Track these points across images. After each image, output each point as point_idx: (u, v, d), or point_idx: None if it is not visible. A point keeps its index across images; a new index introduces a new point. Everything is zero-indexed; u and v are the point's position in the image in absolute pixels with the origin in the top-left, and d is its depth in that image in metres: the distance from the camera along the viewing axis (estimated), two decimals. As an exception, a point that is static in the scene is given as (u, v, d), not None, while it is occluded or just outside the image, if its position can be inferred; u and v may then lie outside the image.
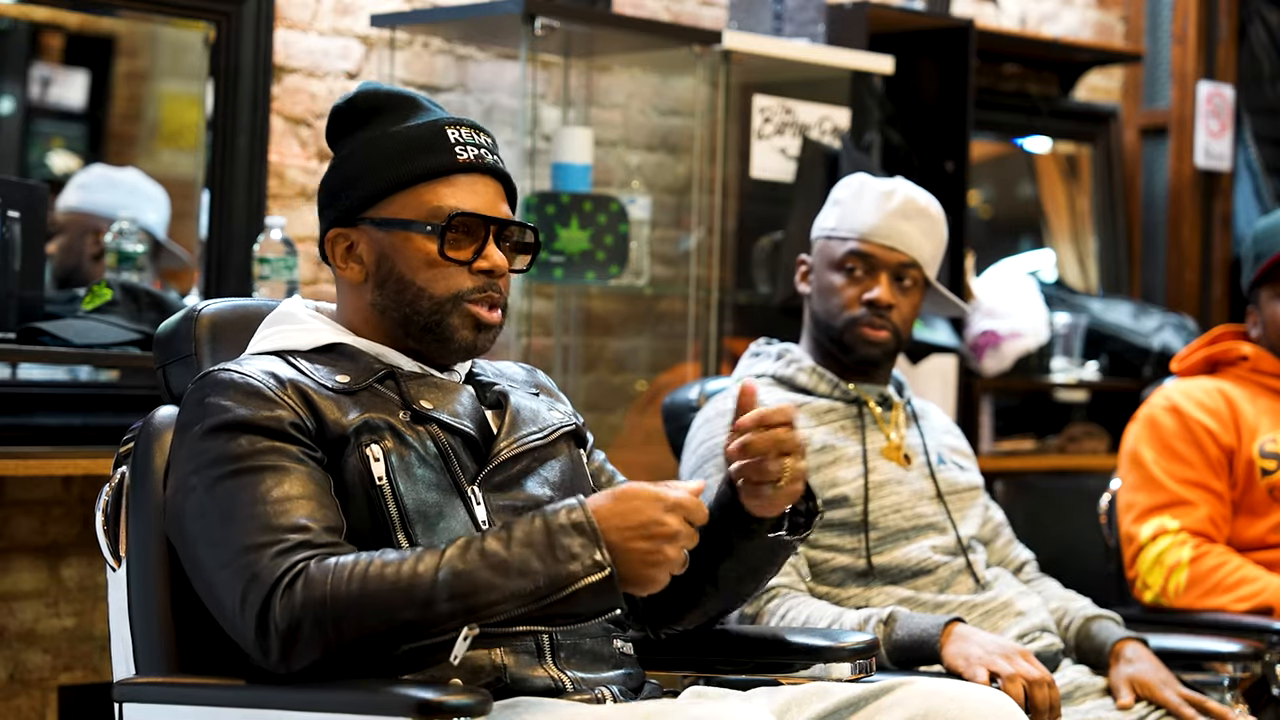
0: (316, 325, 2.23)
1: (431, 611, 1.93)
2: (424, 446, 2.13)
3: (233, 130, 3.78)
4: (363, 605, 1.93)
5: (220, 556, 1.99)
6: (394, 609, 1.92)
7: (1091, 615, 3.02)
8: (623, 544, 1.95)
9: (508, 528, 1.97)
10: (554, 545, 1.93)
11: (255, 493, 2.00)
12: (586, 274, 3.89)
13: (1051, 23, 5.46)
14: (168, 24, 3.87)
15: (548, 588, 1.93)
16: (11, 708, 3.57)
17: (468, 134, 2.21)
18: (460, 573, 1.93)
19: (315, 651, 1.94)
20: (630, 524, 1.95)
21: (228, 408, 2.06)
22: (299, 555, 1.97)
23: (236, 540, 1.98)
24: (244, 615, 1.96)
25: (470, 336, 2.19)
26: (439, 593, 1.92)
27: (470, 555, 1.94)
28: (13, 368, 3.48)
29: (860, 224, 2.96)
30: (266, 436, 2.04)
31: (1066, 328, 4.97)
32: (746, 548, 2.26)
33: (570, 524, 1.95)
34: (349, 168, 2.21)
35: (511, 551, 1.94)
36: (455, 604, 1.92)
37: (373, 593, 1.93)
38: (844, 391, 2.99)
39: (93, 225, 3.70)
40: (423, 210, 2.18)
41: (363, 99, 2.23)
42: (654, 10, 4.48)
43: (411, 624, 1.93)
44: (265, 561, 1.96)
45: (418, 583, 1.93)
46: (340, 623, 1.93)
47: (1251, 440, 3.50)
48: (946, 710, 2.05)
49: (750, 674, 2.36)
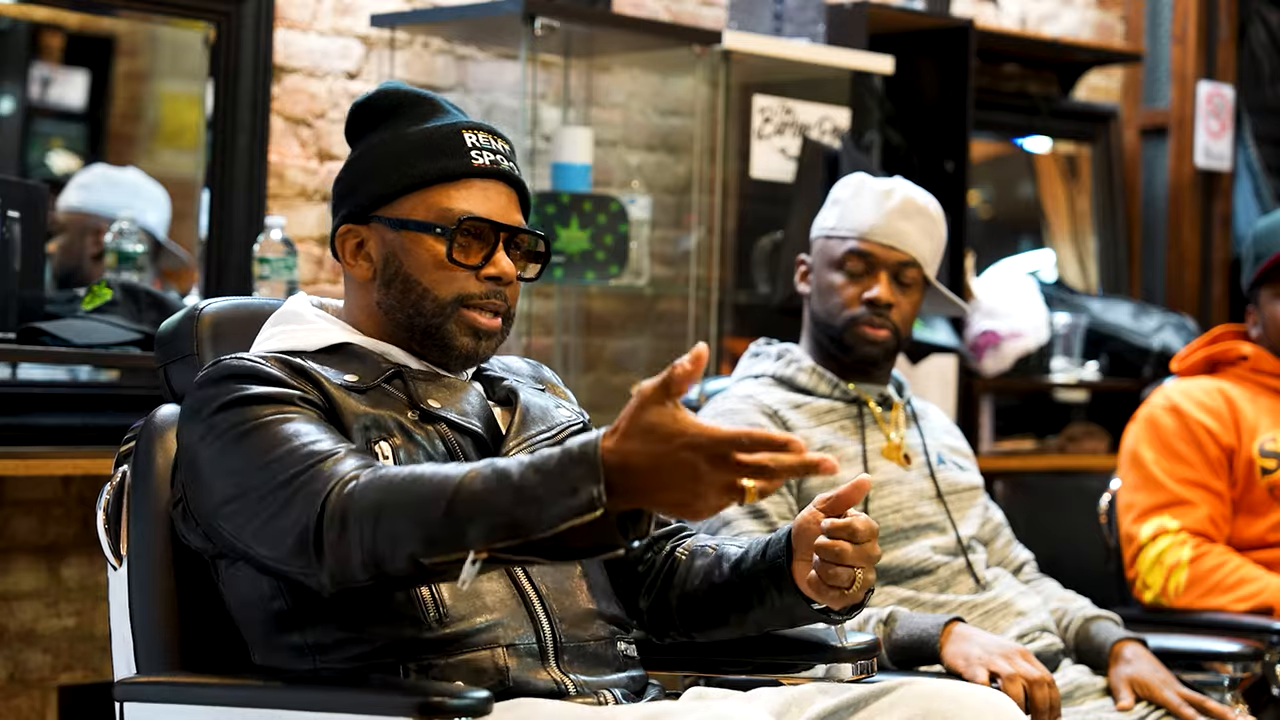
0: (323, 324, 2.23)
1: (450, 521, 1.85)
2: (432, 446, 2.13)
3: (233, 130, 3.78)
4: (390, 509, 1.87)
5: (265, 499, 1.96)
6: (425, 510, 1.86)
7: (1091, 616, 3.02)
8: (647, 486, 1.79)
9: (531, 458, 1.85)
10: (563, 474, 1.80)
11: (285, 432, 1.98)
12: (586, 274, 3.89)
13: (1051, 23, 5.46)
14: (168, 24, 3.87)
15: (544, 520, 1.80)
16: (11, 708, 3.58)
17: (485, 139, 2.21)
18: (475, 494, 1.84)
19: (363, 554, 1.89)
20: (659, 464, 1.78)
21: (241, 387, 2.05)
22: (350, 463, 1.94)
23: (281, 474, 1.96)
24: (302, 522, 1.92)
25: (469, 344, 2.19)
26: (456, 509, 1.85)
27: (487, 474, 1.85)
28: (13, 368, 3.48)
29: (860, 223, 2.96)
30: (283, 403, 2.04)
31: (1066, 328, 4.97)
32: (786, 607, 2.23)
33: (582, 454, 1.80)
34: (364, 165, 2.21)
35: (526, 477, 1.82)
36: (471, 526, 1.84)
37: (398, 502, 1.87)
38: (844, 391, 2.99)
39: (93, 225, 3.70)
40: (434, 212, 2.18)
41: (383, 97, 2.23)
42: (654, 10, 4.48)
43: (437, 529, 1.85)
44: (318, 473, 1.93)
45: (441, 490, 1.85)
46: (377, 524, 1.88)
47: (1251, 440, 3.50)
48: (946, 711, 2.05)
49: (751, 674, 2.36)
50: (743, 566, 2.24)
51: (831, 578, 2.10)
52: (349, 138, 2.26)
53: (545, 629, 2.10)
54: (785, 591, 2.20)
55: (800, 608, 2.21)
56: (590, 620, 2.16)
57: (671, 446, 1.76)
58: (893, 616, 2.72)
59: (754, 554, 2.23)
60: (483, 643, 2.04)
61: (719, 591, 2.26)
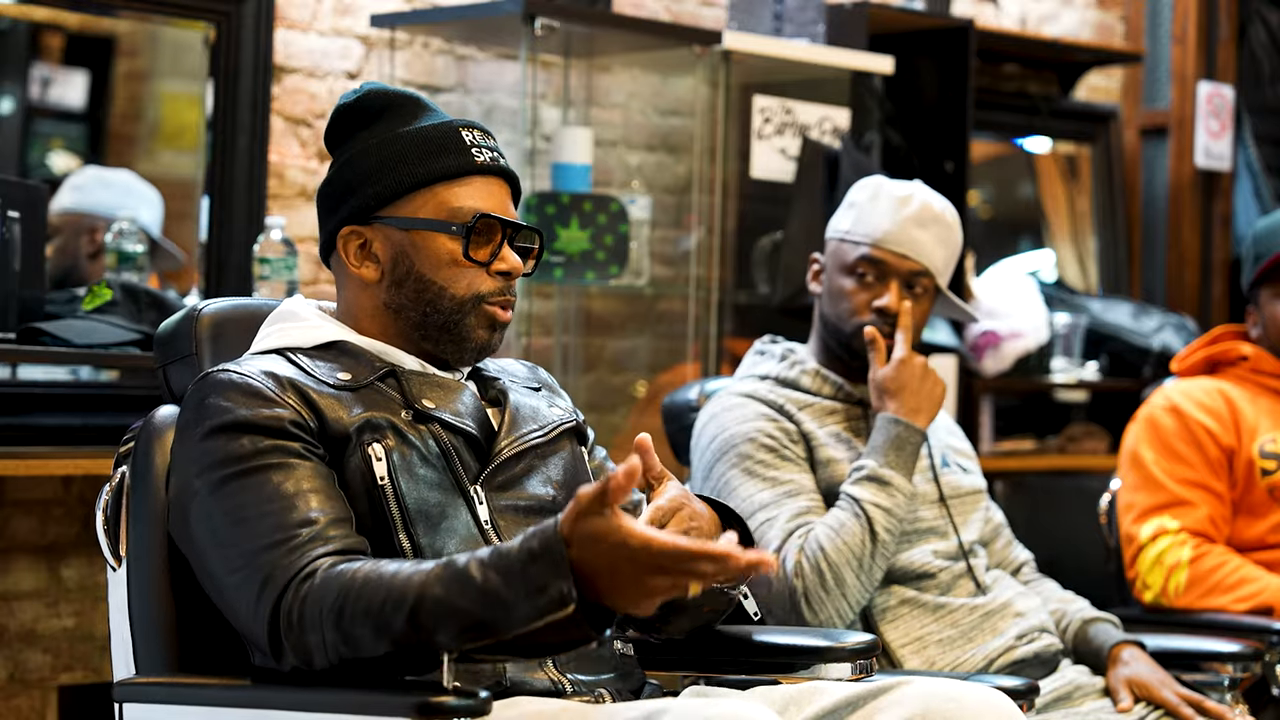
0: (319, 322, 2.23)
1: (416, 629, 1.87)
2: (426, 446, 2.13)
3: (233, 130, 3.78)
4: (361, 611, 1.90)
5: (232, 561, 2.00)
6: (386, 618, 1.88)
7: (1089, 618, 3.02)
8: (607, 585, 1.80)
9: (499, 552, 1.86)
10: (526, 575, 1.81)
11: (262, 493, 2.01)
12: (586, 274, 3.89)
13: (1051, 23, 5.46)
14: (168, 24, 3.87)
15: (516, 621, 1.82)
16: (11, 708, 3.57)
17: (480, 136, 2.22)
18: (439, 600, 1.86)
19: (328, 655, 1.93)
20: (615, 568, 1.79)
21: (227, 408, 2.06)
22: (312, 552, 1.97)
23: (247, 543, 1.99)
24: (257, 615, 1.96)
25: (486, 336, 2.20)
26: (420, 617, 1.87)
27: (452, 582, 1.86)
28: (13, 368, 3.48)
29: (874, 229, 2.93)
30: (268, 435, 2.04)
31: (1066, 328, 4.97)
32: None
33: (542, 550, 1.80)
34: (362, 166, 2.20)
35: (491, 581, 1.83)
36: (434, 628, 1.86)
37: (367, 600, 1.90)
38: (848, 394, 2.98)
39: (88, 225, 3.70)
40: (443, 210, 2.18)
41: (372, 98, 2.23)
42: (654, 10, 4.48)
43: (401, 636, 1.88)
44: (278, 561, 1.96)
45: (401, 598, 1.87)
46: (338, 630, 1.91)
47: (1251, 440, 3.50)
48: (944, 710, 2.05)
49: (750, 674, 2.36)
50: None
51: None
52: (333, 140, 2.25)
53: (544, 629, 2.10)
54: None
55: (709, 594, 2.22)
56: (588, 621, 2.16)
57: (614, 557, 1.78)
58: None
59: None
60: (481, 645, 2.04)
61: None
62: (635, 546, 1.77)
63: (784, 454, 2.85)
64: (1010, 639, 2.86)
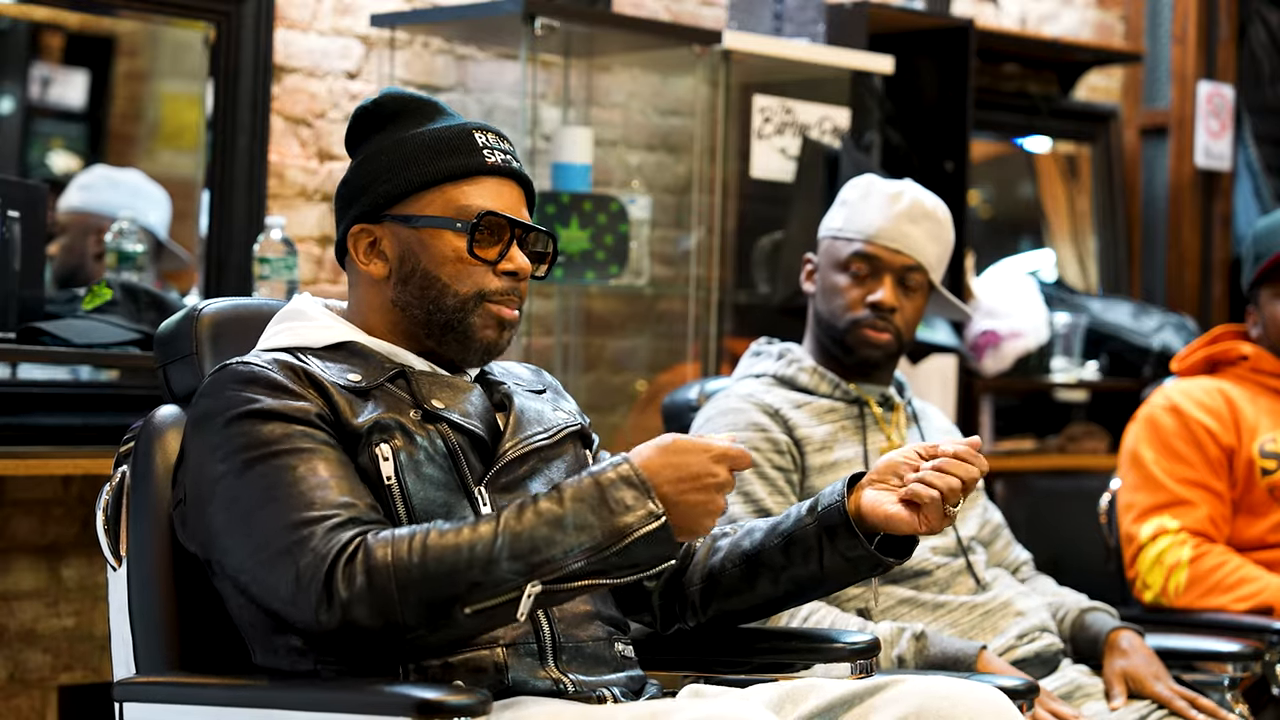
0: (328, 322, 2.23)
1: (495, 572, 1.94)
2: (433, 445, 2.13)
3: (233, 130, 3.78)
4: (426, 571, 1.94)
5: (263, 538, 1.98)
6: (458, 572, 1.94)
7: (1086, 608, 3.03)
8: (676, 495, 1.99)
9: (558, 488, 1.99)
10: (607, 499, 1.97)
11: (294, 474, 2.00)
12: (586, 274, 3.89)
13: (1051, 23, 5.46)
14: (168, 24, 3.87)
15: (606, 539, 1.96)
16: (11, 708, 3.58)
17: (494, 139, 2.24)
18: (519, 533, 1.95)
19: (377, 621, 1.94)
20: (682, 475, 1.99)
21: (251, 397, 2.06)
22: (352, 530, 1.97)
23: (280, 519, 1.98)
24: (302, 591, 1.95)
25: (493, 335, 2.21)
26: (500, 553, 1.94)
27: (526, 515, 1.97)
28: (13, 368, 3.48)
29: (866, 225, 2.95)
30: (295, 423, 2.05)
31: (1066, 328, 4.97)
32: (836, 554, 2.26)
33: (620, 478, 1.98)
34: (374, 165, 2.22)
35: (566, 507, 1.97)
36: (517, 563, 1.94)
37: (435, 558, 1.94)
38: (845, 392, 2.99)
39: (95, 225, 3.70)
40: (450, 208, 2.19)
41: (389, 101, 2.25)
42: (654, 10, 4.48)
43: (476, 585, 1.94)
44: (319, 536, 1.96)
45: (478, 546, 1.95)
46: (405, 590, 1.93)
47: (1251, 440, 3.50)
48: (940, 708, 2.05)
49: (750, 674, 2.36)
50: (781, 527, 2.29)
51: (950, 491, 2.17)
52: (351, 143, 2.27)
53: (544, 628, 2.11)
54: (839, 538, 2.24)
55: (855, 549, 2.24)
56: (588, 621, 2.17)
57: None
58: (925, 635, 2.73)
59: (796, 514, 2.28)
60: (481, 642, 2.05)
61: (749, 558, 2.29)
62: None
63: (763, 471, 2.86)
64: (1011, 638, 2.87)
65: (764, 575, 2.30)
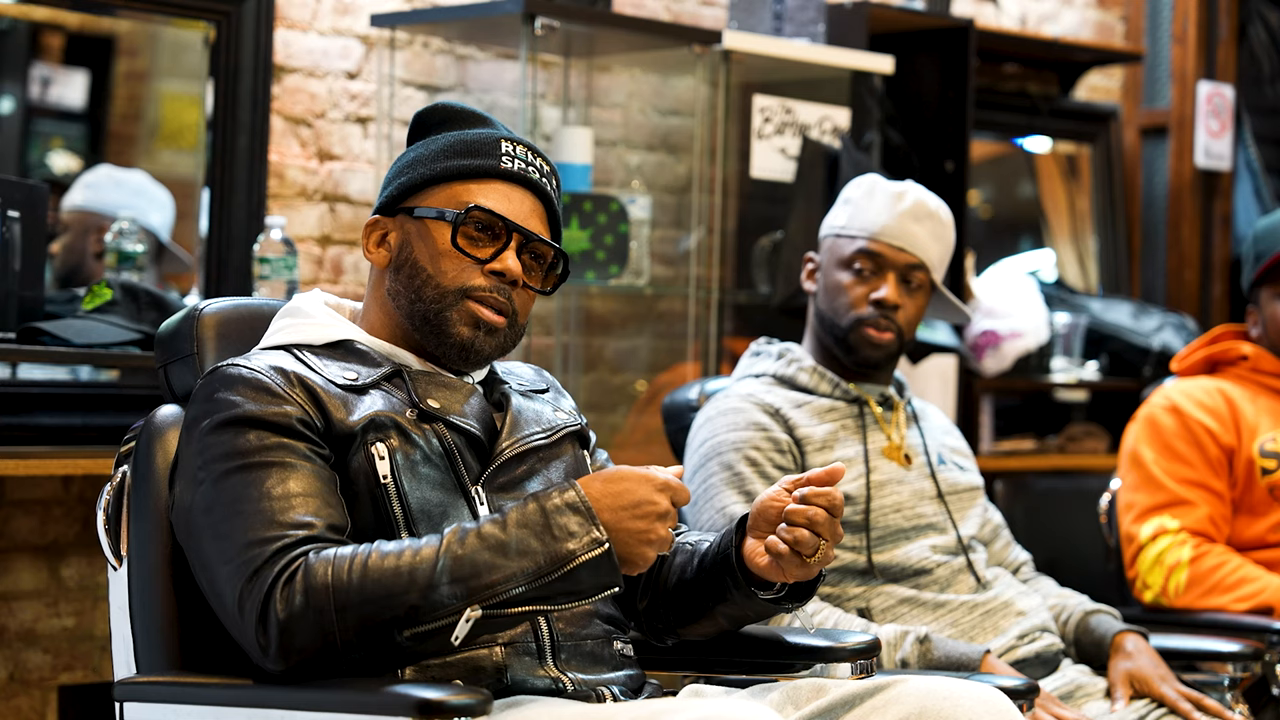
0: (328, 320, 2.24)
1: (434, 595, 1.95)
2: (429, 445, 2.13)
3: (233, 130, 3.78)
4: (364, 593, 1.94)
5: (224, 551, 2.00)
6: (396, 595, 1.94)
7: (1090, 610, 3.03)
8: (616, 523, 1.99)
9: (501, 512, 2.00)
10: (550, 525, 1.98)
11: (260, 489, 2.01)
12: (586, 274, 3.90)
13: (1051, 22, 5.46)
14: (168, 24, 3.87)
15: (548, 566, 1.97)
16: (11, 708, 3.58)
17: (522, 150, 2.25)
18: (460, 556, 1.96)
19: (315, 642, 1.95)
20: (623, 504, 2.00)
21: (236, 403, 2.07)
22: (300, 550, 1.98)
23: (240, 535, 1.99)
24: (243, 610, 1.97)
25: (468, 334, 2.19)
26: (440, 577, 1.95)
27: (469, 540, 1.97)
28: (13, 368, 3.48)
29: (870, 223, 2.96)
30: (274, 432, 2.05)
31: (1066, 328, 4.97)
32: (742, 601, 2.25)
33: (565, 504, 1.99)
34: (400, 163, 2.26)
35: (509, 533, 1.97)
36: (457, 587, 1.95)
37: (374, 580, 1.95)
38: (845, 391, 2.99)
39: (96, 224, 3.70)
40: (451, 203, 2.21)
41: (435, 110, 2.29)
42: (654, 10, 4.48)
43: (415, 609, 1.95)
44: (267, 556, 1.97)
45: (419, 568, 1.95)
46: (343, 611, 1.94)
47: (1251, 440, 3.50)
48: (941, 708, 2.05)
49: (750, 674, 2.36)
50: (704, 561, 2.26)
51: (797, 542, 2.12)
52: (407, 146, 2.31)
53: (543, 628, 2.11)
54: (740, 586, 2.22)
55: (752, 602, 2.23)
56: (587, 620, 2.17)
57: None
58: (929, 638, 2.73)
59: (711, 548, 2.26)
60: (481, 641, 2.05)
61: (690, 588, 2.28)
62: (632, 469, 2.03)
63: (764, 469, 2.86)
64: (1011, 638, 2.87)
65: (704, 613, 2.28)
